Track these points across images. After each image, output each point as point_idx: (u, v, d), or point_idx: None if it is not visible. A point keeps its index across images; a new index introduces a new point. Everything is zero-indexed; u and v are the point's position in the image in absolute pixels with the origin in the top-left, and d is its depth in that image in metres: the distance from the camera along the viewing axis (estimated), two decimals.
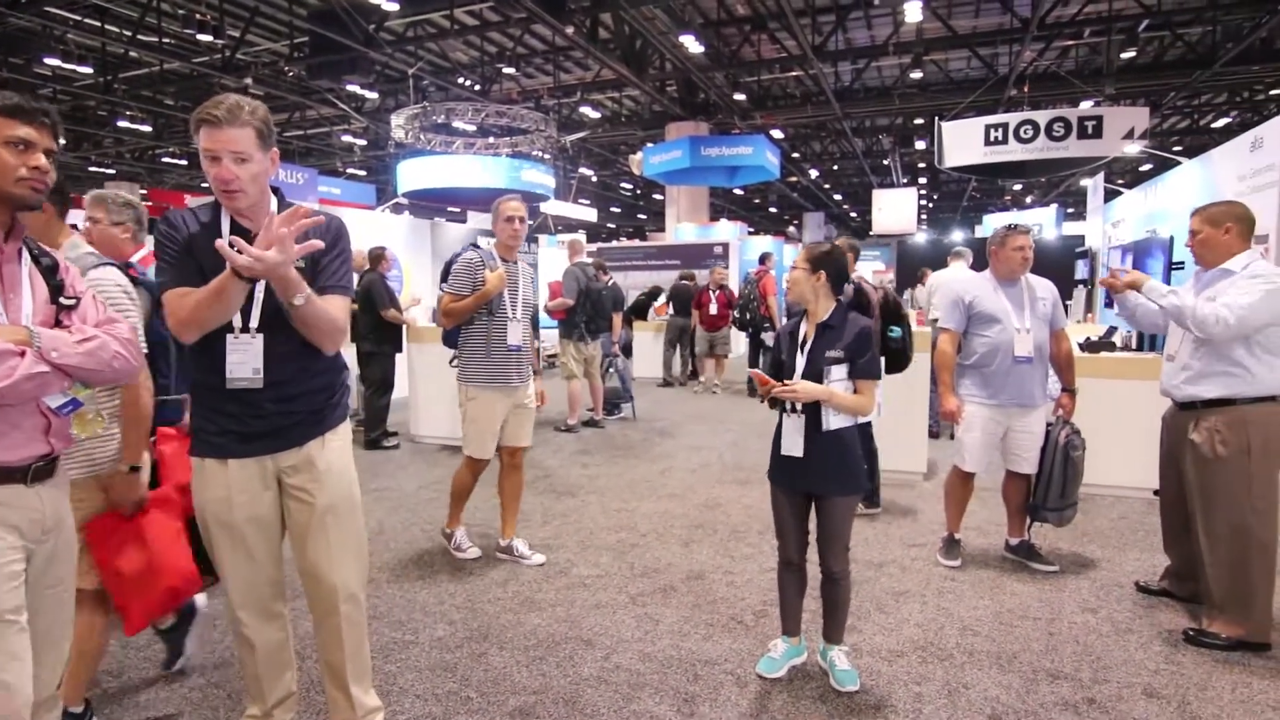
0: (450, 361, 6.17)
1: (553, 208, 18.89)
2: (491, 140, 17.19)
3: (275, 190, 1.99)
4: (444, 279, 3.75)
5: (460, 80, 17.07)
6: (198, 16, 11.60)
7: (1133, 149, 10.10)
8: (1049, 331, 3.53)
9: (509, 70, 16.82)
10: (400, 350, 6.58)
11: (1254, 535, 2.88)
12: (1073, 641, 2.95)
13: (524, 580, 3.58)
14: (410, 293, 8.69)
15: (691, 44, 13.87)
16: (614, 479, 5.42)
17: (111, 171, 24.65)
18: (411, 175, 15.32)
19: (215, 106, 1.78)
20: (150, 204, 24.60)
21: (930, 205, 35.77)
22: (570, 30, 12.78)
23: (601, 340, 7.53)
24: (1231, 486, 2.91)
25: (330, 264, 1.98)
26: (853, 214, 39.75)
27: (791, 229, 37.68)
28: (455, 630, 3.09)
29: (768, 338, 9.57)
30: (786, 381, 2.51)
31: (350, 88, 16.19)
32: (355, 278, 6.91)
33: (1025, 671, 2.72)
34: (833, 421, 2.50)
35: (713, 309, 9.75)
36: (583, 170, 25.40)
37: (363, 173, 26.73)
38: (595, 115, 20.11)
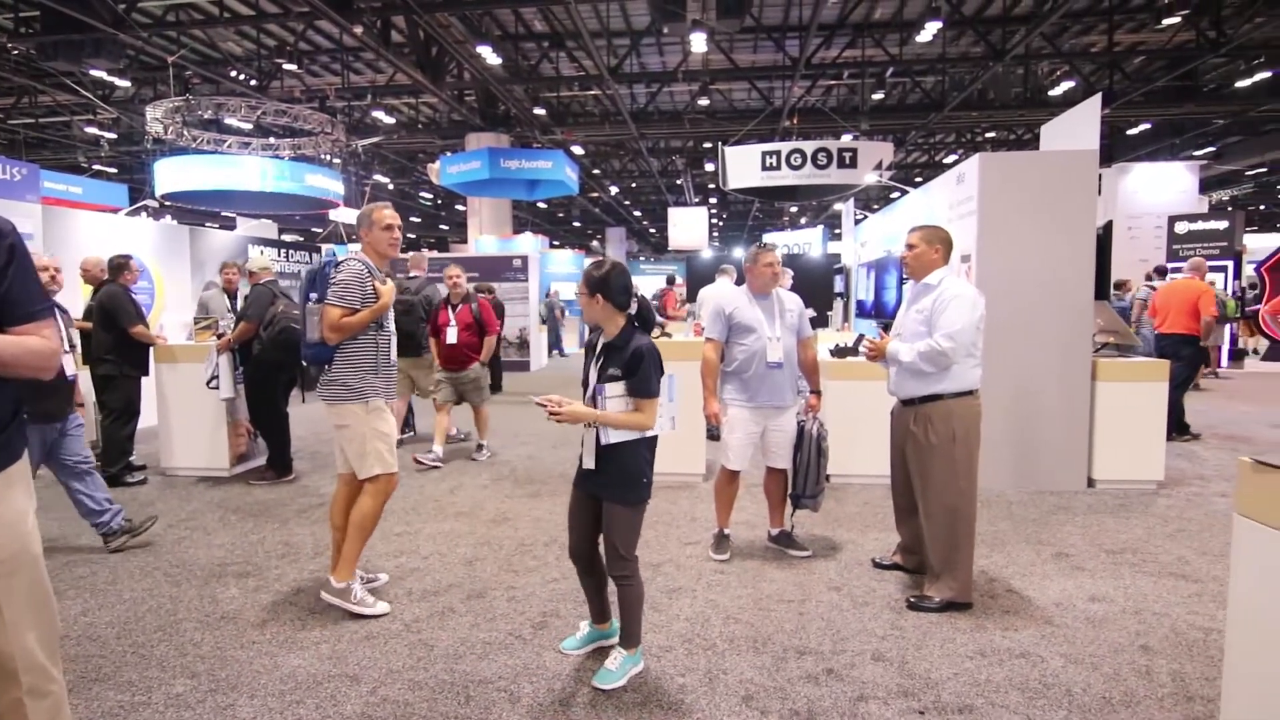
0: (207, 383, 5.62)
1: (343, 215, 17.75)
2: (272, 141, 15.82)
3: None
4: (311, 289, 3.35)
5: (233, 73, 15.55)
6: None
7: (872, 178, 11.55)
8: (796, 339, 3.91)
9: (290, 67, 15.60)
10: (147, 373, 5.80)
11: (960, 511, 3.37)
12: (819, 619, 3.26)
13: (285, 620, 3.30)
14: (159, 313, 7.74)
15: (489, 55, 13.75)
16: (397, 501, 5.16)
17: None
18: (172, 175, 13.64)
19: None
20: None
21: (721, 223, 38.34)
22: (359, 30, 12.14)
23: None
24: (942, 470, 3.38)
25: (10, 287, 1.69)
26: (652, 230, 41.52)
27: (595, 243, 38.55)
28: (198, 684, 2.77)
29: None
30: (554, 400, 2.60)
31: (95, 73, 14.11)
32: (89, 289, 6.04)
33: (776, 651, 2.97)
34: (611, 436, 2.63)
35: (450, 335, 6.22)
36: (377, 177, 24.18)
37: (113, 170, 23.42)
38: (389, 120, 19.24)
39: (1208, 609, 3.33)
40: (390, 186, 26.53)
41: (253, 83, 15.34)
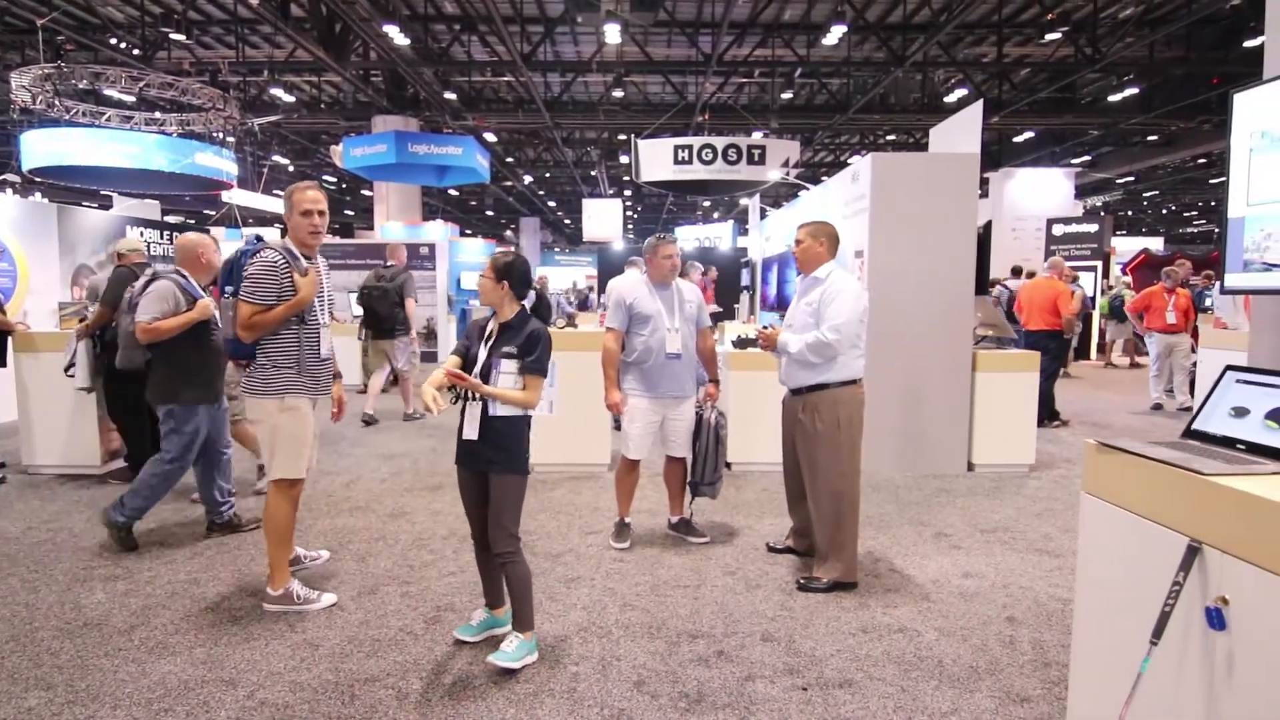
0: (65, 370, 5.18)
1: (238, 197, 16.77)
2: (158, 116, 14.72)
3: None
4: (228, 283, 3.13)
5: (113, 41, 14.37)
6: None
7: (776, 175, 11.86)
8: (695, 330, 3.97)
9: (178, 37, 14.55)
10: (4, 364, 5.32)
11: (845, 494, 3.52)
12: (713, 603, 3.34)
13: (156, 624, 3.10)
14: (23, 297, 7.11)
15: (396, 35, 13.26)
16: None
17: None
18: (42, 149, 12.53)
19: None
20: None
21: (635, 216, 38.47)
22: (255, 1, 11.46)
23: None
24: (828, 455, 3.52)
25: None
26: (567, 221, 41.19)
27: (508, 233, 37.95)
28: (54, 695, 2.57)
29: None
30: (469, 379, 2.70)
31: None
32: None
33: (671, 636, 3.02)
34: (499, 409, 2.73)
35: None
36: (277, 158, 22.98)
37: None
38: (289, 99, 18.27)
39: (1067, 581, 3.60)
40: (291, 168, 25.26)
41: (136, 52, 14.23)
